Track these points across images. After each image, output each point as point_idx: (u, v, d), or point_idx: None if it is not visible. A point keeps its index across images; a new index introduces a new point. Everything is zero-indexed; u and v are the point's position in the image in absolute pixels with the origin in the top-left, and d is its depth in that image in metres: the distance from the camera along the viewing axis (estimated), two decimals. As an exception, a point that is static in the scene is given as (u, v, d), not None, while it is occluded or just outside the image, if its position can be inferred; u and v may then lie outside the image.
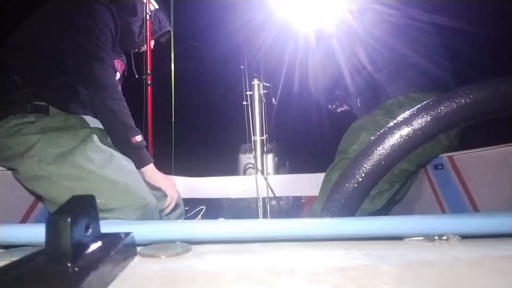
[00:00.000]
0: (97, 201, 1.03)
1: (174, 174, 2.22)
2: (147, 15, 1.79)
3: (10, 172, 1.28)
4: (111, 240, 0.34)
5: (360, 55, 1.72)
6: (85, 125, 1.31)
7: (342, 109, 2.07)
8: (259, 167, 2.40)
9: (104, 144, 1.31)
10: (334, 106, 2.07)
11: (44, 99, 1.26)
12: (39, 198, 1.40)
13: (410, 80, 1.50)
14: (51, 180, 1.18)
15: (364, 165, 0.47)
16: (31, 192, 1.34)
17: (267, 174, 2.39)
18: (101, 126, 1.42)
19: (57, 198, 1.21)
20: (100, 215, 1.17)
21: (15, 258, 0.30)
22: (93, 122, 1.41)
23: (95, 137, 1.28)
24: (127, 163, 1.31)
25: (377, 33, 1.57)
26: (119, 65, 1.58)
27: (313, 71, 1.78)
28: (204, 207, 2.09)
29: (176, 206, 1.52)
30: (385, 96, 1.54)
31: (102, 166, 1.21)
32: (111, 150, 1.29)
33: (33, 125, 1.20)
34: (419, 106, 0.47)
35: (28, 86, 1.23)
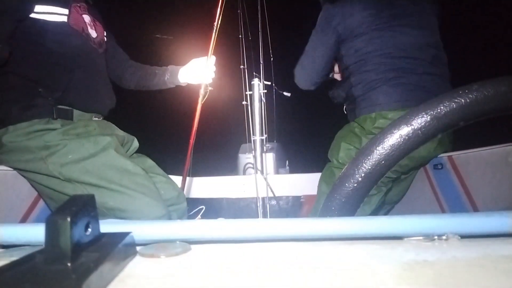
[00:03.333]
0: (114, 211, 1.01)
1: (175, 174, 2.22)
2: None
3: (10, 172, 1.28)
4: (111, 239, 0.34)
5: (338, 70, 1.75)
6: (105, 131, 1.32)
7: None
8: (259, 167, 2.40)
9: (121, 153, 1.31)
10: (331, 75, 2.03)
11: (68, 104, 1.28)
12: (40, 197, 1.40)
13: (383, 96, 1.51)
14: (72, 183, 1.20)
15: (364, 164, 0.47)
16: (32, 191, 1.35)
17: (267, 174, 2.39)
18: (119, 132, 1.43)
19: None
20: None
21: (14, 258, 0.30)
22: (112, 127, 1.42)
23: (115, 147, 1.28)
24: (144, 174, 1.30)
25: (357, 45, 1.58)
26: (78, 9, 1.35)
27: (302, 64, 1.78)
28: (204, 207, 2.09)
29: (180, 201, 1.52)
30: (360, 110, 1.57)
31: (121, 178, 1.22)
32: (127, 160, 1.28)
33: (56, 131, 1.22)
34: (419, 106, 0.47)
35: (52, 93, 1.23)
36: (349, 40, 1.59)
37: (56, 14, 1.24)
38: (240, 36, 2.56)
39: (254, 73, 2.51)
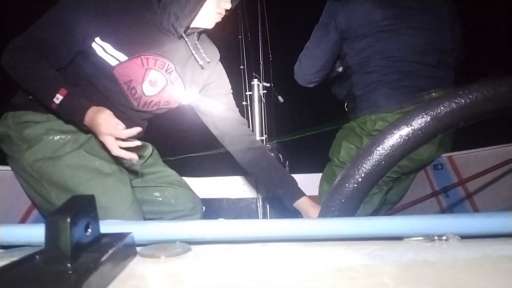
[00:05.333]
0: None
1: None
2: None
3: (10, 172, 1.28)
4: (111, 240, 0.34)
5: (341, 69, 1.75)
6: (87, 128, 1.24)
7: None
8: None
9: (96, 154, 1.23)
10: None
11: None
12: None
13: (383, 98, 1.50)
14: (41, 183, 1.17)
15: (364, 165, 0.47)
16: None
17: (267, 174, 2.39)
18: None
19: (46, 202, 1.19)
20: None
21: (14, 258, 0.30)
22: None
23: (92, 144, 1.23)
24: (116, 178, 1.23)
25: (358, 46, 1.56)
26: (145, 61, 1.22)
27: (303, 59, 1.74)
28: (204, 207, 2.09)
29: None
30: (361, 110, 1.56)
31: (89, 179, 1.17)
32: (102, 161, 1.22)
33: (39, 125, 1.18)
34: (418, 106, 0.47)
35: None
36: (352, 40, 1.56)
37: (111, 56, 1.16)
38: (240, 36, 2.57)
39: (254, 73, 2.51)
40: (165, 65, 1.26)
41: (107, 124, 1.03)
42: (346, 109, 1.77)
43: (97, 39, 1.13)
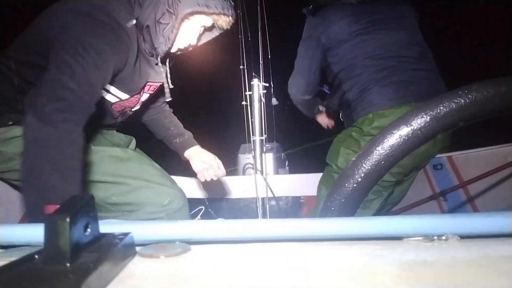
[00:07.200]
0: (118, 205, 1.11)
1: (173, 174, 2.21)
2: None
3: (9, 172, 1.27)
4: (110, 240, 0.34)
5: (329, 77, 1.76)
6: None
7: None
8: (259, 167, 2.40)
9: (104, 144, 1.27)
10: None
11: None
12: None
13: (377, 96, 1.50)
14: None
15: (364, 165, 0.47)
16: None
17: (267, 174, 2.39)
18: (111, 138, 1.38)
19: None
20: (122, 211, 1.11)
21: (14, 258, 0.30)
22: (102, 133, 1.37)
23: (96, 137, 1.25)
24: (138, 158, 1.26)
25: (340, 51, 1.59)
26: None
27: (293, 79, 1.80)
28: (204, 207, 2.09)
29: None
30: (356, 113, 1.57)
31: (116, 169, 1.19)
32: (116, 148, 1.25)
33: None
34: (419, 106, 0.47)
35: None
36: (333, 48, 1.61)
37: (112, 95, 1.16)
38: (240, 36, 2.57)
39: (253, 73, 2.51)
40: (156, 88, 1.32)
41: None
42: (342, 119, 1.78)
43: (109, 87, 1.13)
